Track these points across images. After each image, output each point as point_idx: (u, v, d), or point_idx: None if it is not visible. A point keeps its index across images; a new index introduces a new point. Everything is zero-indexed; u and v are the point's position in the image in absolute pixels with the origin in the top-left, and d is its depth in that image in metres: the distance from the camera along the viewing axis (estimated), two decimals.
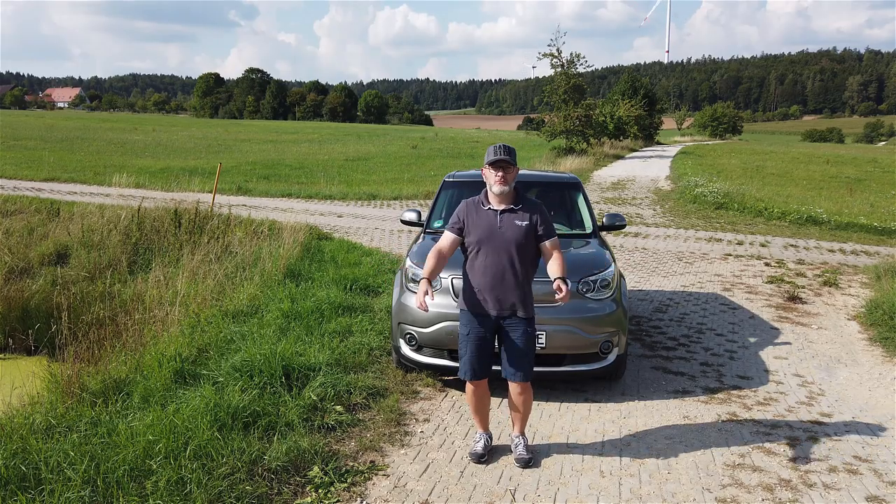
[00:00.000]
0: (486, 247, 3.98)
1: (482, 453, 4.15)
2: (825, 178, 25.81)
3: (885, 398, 5.29)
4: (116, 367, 5.22)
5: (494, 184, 3.99)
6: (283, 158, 29.36)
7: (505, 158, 3.95)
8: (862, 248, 11.69)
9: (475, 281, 4.02)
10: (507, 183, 3.98)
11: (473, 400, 4.16)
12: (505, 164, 3.97)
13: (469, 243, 4.06)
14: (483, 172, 4.13)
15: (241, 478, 3.70)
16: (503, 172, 3.98)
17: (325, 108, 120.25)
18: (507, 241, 3.95)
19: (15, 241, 10.97)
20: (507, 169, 3.99)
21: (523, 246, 3.98)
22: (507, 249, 3.96)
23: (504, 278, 3.96)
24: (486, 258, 3.98)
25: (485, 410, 4.25)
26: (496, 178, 3.98)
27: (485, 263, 3.98)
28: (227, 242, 9.60)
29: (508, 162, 3.97)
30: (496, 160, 3.97)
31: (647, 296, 8.21)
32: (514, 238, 3.96)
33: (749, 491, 3.84)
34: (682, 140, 71.98)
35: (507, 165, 3.98)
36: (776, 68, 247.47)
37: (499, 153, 3.97)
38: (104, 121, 70.93)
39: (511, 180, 4.02)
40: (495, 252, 3.96)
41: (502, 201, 4.03)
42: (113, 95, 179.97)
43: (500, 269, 3.96)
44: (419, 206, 15.16)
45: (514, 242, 3.95)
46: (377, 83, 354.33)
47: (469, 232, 4.04)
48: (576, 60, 33.61)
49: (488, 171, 4.04)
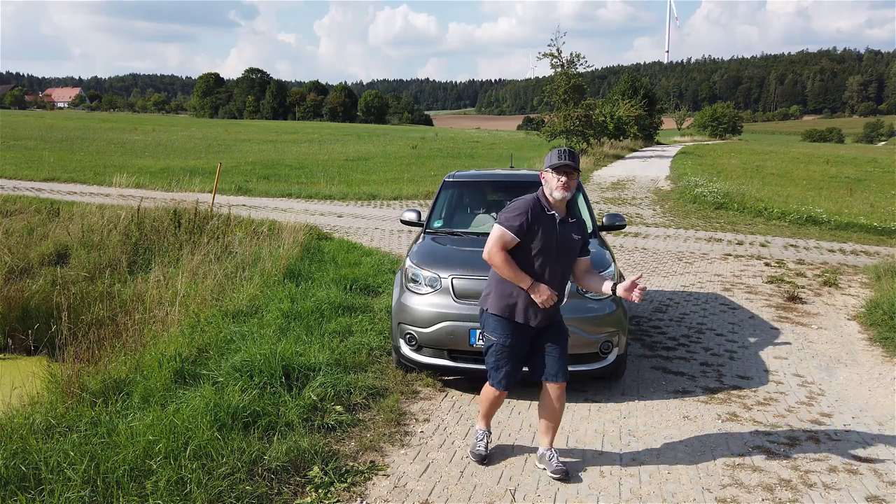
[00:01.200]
0: (546, 255, 3.81)
1: (485, 454, 4.11)
2: (825, 178, 25.81)
3: (885, 398, 5.29)
4: (116, 367, 5.22)
5: (556, 189, 3.80)
6: (283, 158, 29.35)
7: (570, 164, 3.77)
8: (862, 248, 11.69)
9: (517, 287, 3.84)
10: (569, 189, 3.81)
11: (491, 404, 4.09)
12: (570, 169, 3.79)
13: (527, 244, 3.82)
14: (542, 176, 3.91)
15: (241, 478, 3.70)
16: (567, 178, 3.79)
17: (325, 108, 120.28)
18: (563, 251, 3.85)
19: (15, 241, 10.96)
20: (571, 175, 3.81)
21: (573, 260, 3.94)
22: (562, 258, 3.86)
23: (555, 286, 3.84)
24: (543, 263, 3.81)
25: (495, 412, 4.23)
26: (559, 183, 3.79)
27: (540, 269, 3.82)
28: (226, 242, 9.60)
29: (573, 167, 3.80)
30: (561, 165, 3.77)
31: (647, 296, 8.21)
32: (570, 250, 3.88)
33: (749, 491, 3.84)
34: (681, 140, 71.99)
35: (571, 171, 3.80)
36: (776, 68, 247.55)
37: (563, 157, 3.79)
38: (104, 121, 70.91)
39: (573, 187, 3.85)
40: (555, 262, 3.83)
41: (560, 209, 3.88)
42: (113, 95, 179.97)
43: (554, 276, 3.83)
44: (419, 206, 15.17)
45: (569, 255, 3.89)
46: (377, 83, 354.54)
47: (532, 235, 3.81)
48: (576, 60, 33.66)
49: (550, 175, 3.83)
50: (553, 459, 3.99)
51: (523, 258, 3.82)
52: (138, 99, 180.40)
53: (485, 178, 6.96)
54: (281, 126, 75.28)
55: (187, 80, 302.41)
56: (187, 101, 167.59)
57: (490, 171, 7.26)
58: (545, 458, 4.02)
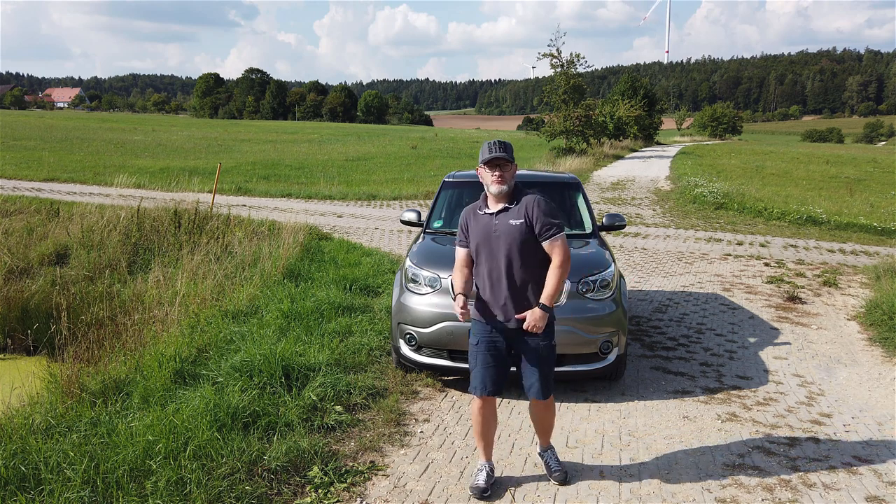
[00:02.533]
0: (483, 252, 3.69)
1: (484, 487, 3.74)
2: (825, 179, 25.82)
3: (885, 398, 5.29)
4: (116, 367, 5.22)
5: (492, 184, 3.65)
6: (283, 158, 29.35)
7: (501, 156, 3.60)
8: (861, 248, 11.69)
9: (480, 290, 3.76)
10: (505, 182, 3.63)
11: (479, 420, 3.80)
12: (502, 161, 3.62)
13: (472, 251, 3.76)
14: (479, 173, 3.76)
15: (241, 478, 3.70)
16: (500, 171, 3.63)
17: (324, 108, 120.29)
18: (503, 245, 3.63)
19: (15, 241, 10.95)
20: (504, 167, 3.63)
21: (522, 247, 3.62)
22: (503, 253, 3.63)
23: (504, 285, 3.64)
24: (485, 264, 3.70)
25: (490, 435, 3.87)
26: (493, 177, 3.64)
27: (485, 270, 3.70)
28: (226, 243, 9.60)
29: (505, 159, 3.62)
30: (491, 158, 3.61)
31: (647, 296, 8.21)
32: (510, 240, 3.62)
33: (749, 491, 3.84)
34: (681, 140, 72.00)
35: (504, 163, 3.63)
36: (776, 68, 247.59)
37: (494, 150, 3.61)
38: (104, 121, 70.92)
39: (510, 178, 3.66)
40: (493, 257, 3.66)
41: (500, 201, 3.69)
42: (113, 95, 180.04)
43: (498, 276, 3.65)
44: (419, 206, 15.17)
45: (510, 245, 3.62)
46: (377, 83, 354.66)
47: (470, 238, 3.76)
48: (576, 60, 33.64)
49: (484, 170, 3.68)
50: (551, 461, 3.92)
51: (476, 266, 3.75)
52: (138, 99, 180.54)
53: None
54: (281, 126, 75.29)
55: (187, 80, 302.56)
56: (187, 101, 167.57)
57: None
58: (542, 459, 3.96)
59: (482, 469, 3.84)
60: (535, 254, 3.66)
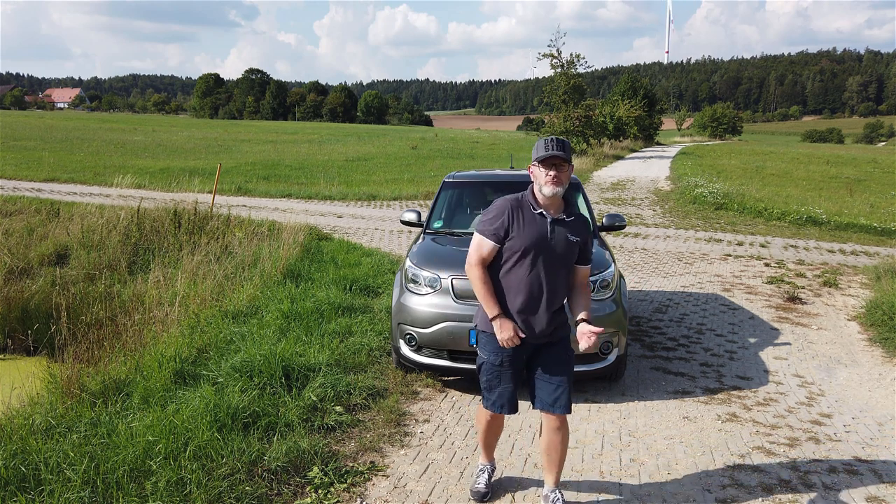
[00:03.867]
0: (532, 258, 3.31)
1: (485, 491, 3.67)
2: (825, 179, 25.81)
3: (885, 398, 5.29)
4: (116, 367, 5.22)
5: (546, 184, 3.29)
6: (283, 159, 29.35)
7: (559, 154, 3.26)
8: (862, 248, 11.70)
9: (512, 297, 3.36)
10: (561, 184, 3.30)
11: (488, 430, 3.65)
12: (559, 160, 3.29)
13: (509, 250, 3.34)
14: (531, 171, 3.41)
15: (241, 478, 3.70)
16: (556, 171, 3.28)
17: (324, 108, 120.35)
18: (558, 256, 3.33)
19: (15, 241, 10.96)
20: (560, 167, 3.30)
21: (568, 264, 3.40)
22: (557, 265, 3.34)
23: (549, 298, 3.35)
24: (531, 272, 3.32)
25: (495, 441, 3.78)
26: (548, 177, 3.28)
27: (529, 278, 3.32)
28: (226, 243, 9.60)
29: (563, 159, 3.29)
30: (549, 156, 3.26)
31: (647, 296, 8.21)
32: (564, 254, 3.35)
33: (749, 491, 3.84)
34: (681, 140, 72.01)
35: (561, 162, 3.30)
36: (776, 69, 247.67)
37: (551, 148, 3.27)
38: (104, 121, 70.91)
39: (566, 181, 3.33)
40: (542, 265, 3.32)
41: (553, 206, 3.36)
42: (113, 96, 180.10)
43: (542, 286, 3.33)
44: (419, 206, 15.17)
45: (563, 259, 3.35)
46: (377, 83, 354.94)
47: (513, 237, 3.33)
48: (576, 61, 33.67)
49: (538, 169, 3.33)
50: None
51: (508, 267, 3.37)
52: (138, 99, 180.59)
53: (485, 178, 6.97)
54: (281, 126, 75.28)
55: (187, 81, 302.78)
56: (187, 101, 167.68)
57: (490, 171, 7.27)
58: (549, 501, 3.56)
59: (483, 471, 3.78)
60: (571, 273, 3.48)
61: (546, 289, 3.34)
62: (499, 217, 3.36)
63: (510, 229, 3.33)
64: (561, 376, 3.41)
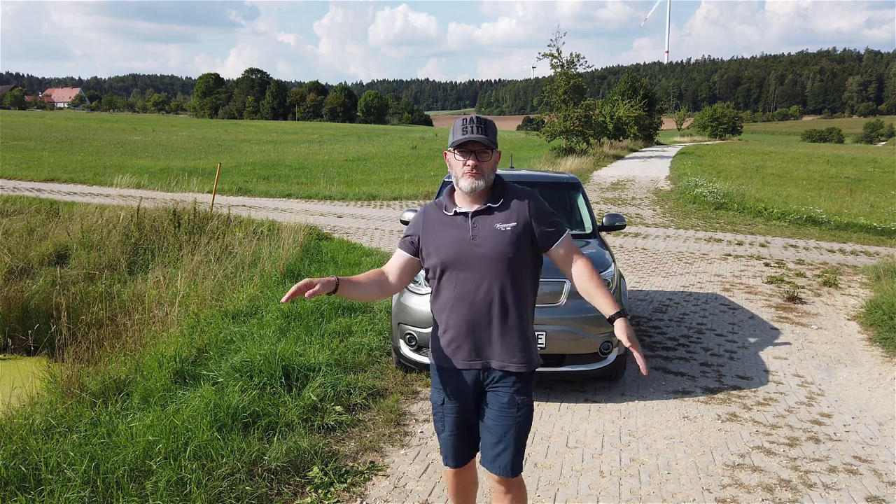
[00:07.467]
0: (453, 270, 2.59)
1: None
2: (825, 179, 25.81)
3: (885, 398, 5.29)
4: (116, 367, 5.22)
5: (462, 176, 2.56)
6: (283, 159, 29.36)
7: (479, 139, 2.51)
8: (861, 248, 11.69)
9: (443, 321, 2.66)
10: (482, 176, 2.55)
11: (457, 489, 2.93)
12: (479, 147, 2.54)
13: (429, 267, 2.66)
14: (446, 159, 2.67)
15: (241, 478, 3.70)
16: (475, 160, 2.54)
17: (324, 108, 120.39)
18: (486, 259, 2.55)
19: (15, 241, 10.96)
20: (482, 155, 2.54)
21: (513, 262, 2.57)
22: (487, 271, 2.56)
23: (485, 316, 2.57)
24: (456, 287, 2.59)
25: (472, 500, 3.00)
26: (465, 168, 2.55)
27: (455, 295, 2.60)
28: (226, 243, 9.59)
29: (483, 144, 2.53)
30: (466, 141, 2.52)
31: (647, 296, 8.21)
32: (496, 252, 2.55)
33: (749, 491, 3.84)
34: (681, 140, 72.05)
35: (482, 149, 2.54)
36: (776, 69, 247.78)
37: (470, 131, 2.52)
38: (104, 121, 70.92)
39: (488, 171, 2.57)
40: (469, 277, 2.57)
41: (475, 201, 2.61)
42: (113, 96, 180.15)
43: (477, 303, 2.57)
44: (419, 206, 15.14)
45: (497, 258, 2.55)
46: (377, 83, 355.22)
47: (427, 250, 2.65)
48: (575, 61, 33.65)
49: (454, 157, 2.58)
50: None
51: (434, 287, 2.69)
52: (138, 99, 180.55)
53: None
54: (281, 126, 75.28)
55: (187, 81, 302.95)
56: (187, 101, 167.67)
57: None
58: None
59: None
60: (529, 272, 2.66)
61: (482, 305, 2.57)
62: (411, 227, 2.74)
63: (420, 245, 2.67)
64: (506, 430, 2.61)
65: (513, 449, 2.63)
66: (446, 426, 2.74)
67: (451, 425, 2.73)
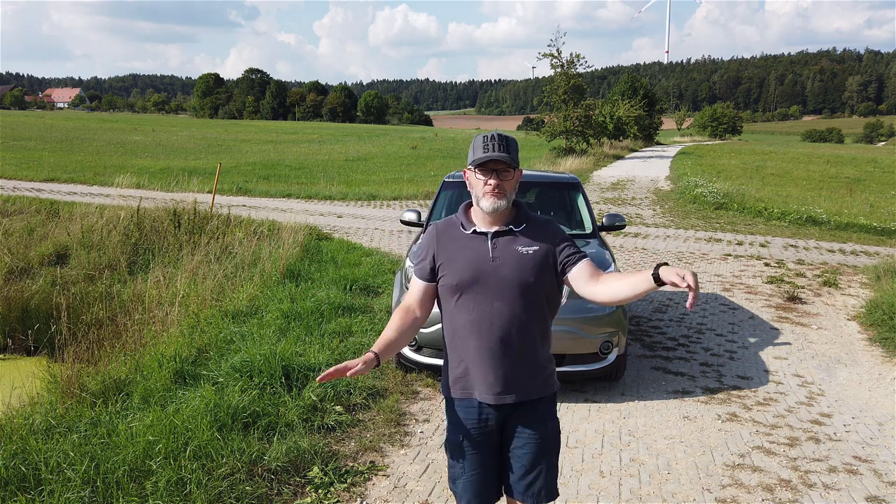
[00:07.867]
0: (470, 293, 2.43)
1: None
2: (825, 179, 25.81)
3: (885, 398, 5.29)
4: (116, 367, 5.22)
5: (484, 196, 2.42)
6: (283, 159, 29.35)
7: (501, 157, 2.38)
8: (861, 248, 11.69)
9: (457, 348, 2.49)
10: (504, 195, 2.43)
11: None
12: (502, 165, 2.41)
13: (444, 289, 2.49)
14: (466, 177, 2.53)
15: (241, 478, 3.70)
16: (498, 179, 2.41)
17: (324, 108, 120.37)
18: (507, 282, 2.41)
19: (15, 241, 10.96)
20: (504, 174, 2.42)
21: (534, 285, 2.43)
22: (507, 294, 2.41)
23: (505, 343, 2.42)
24: (473, 311, 2.43)
25: None
26: (487, 187, 2.41)
27: (472, 319, 2.43)
28: (226, 243, 9.59)
29: (505, 163, 2.40)
30: (487, 159, 2.39)
31: (647, 296, 8.21)
32: (518, 275, 2.41)
33: (749, 491, 3.84)
34: (681, 140, 72.05)
35: (504, 168, 2.42)
36: (776, 69, 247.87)
37: (491, 148, 2.39)
38: (104, 121, 70.93)
39: (510, 190, 2.45)
40: (488, 301, 2.42)
41: (496, 221, 2.47)
42: (113, 96, 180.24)
43: (496, 328, 2.41)
44: (419, 206, 15.17)
45: (518, 282, 2.41)
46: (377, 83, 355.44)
47: (444, 271, 2.48)
48: (575, 61, 33.64)
49: (474, 176, 2.45)
50: None
51: (450, 310, 2.50)
52: (138, 99, 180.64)
53: None
54: (281, 126, 75.29)
55: (187, 81, 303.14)
56: (187, 101, 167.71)
57: None
58: None
59: None
60: (549, 297, 2.51)
61: (502, 331, 2.41)
62: (423, 249, 2.58)
63: (437, 266, 2.51)
64: (539, 456, 2.49)
65: (545, 473, 2.50)
66: (467, 467, 2.53)
67: (474, 465, 2.53)
